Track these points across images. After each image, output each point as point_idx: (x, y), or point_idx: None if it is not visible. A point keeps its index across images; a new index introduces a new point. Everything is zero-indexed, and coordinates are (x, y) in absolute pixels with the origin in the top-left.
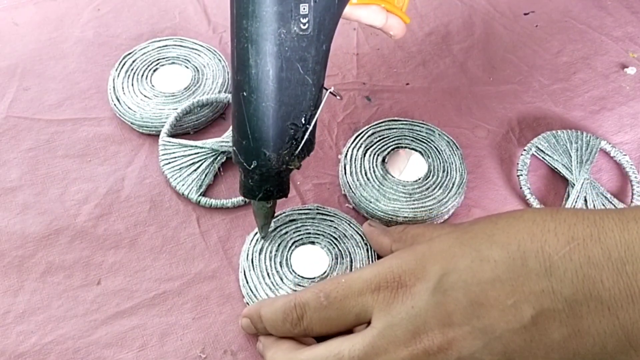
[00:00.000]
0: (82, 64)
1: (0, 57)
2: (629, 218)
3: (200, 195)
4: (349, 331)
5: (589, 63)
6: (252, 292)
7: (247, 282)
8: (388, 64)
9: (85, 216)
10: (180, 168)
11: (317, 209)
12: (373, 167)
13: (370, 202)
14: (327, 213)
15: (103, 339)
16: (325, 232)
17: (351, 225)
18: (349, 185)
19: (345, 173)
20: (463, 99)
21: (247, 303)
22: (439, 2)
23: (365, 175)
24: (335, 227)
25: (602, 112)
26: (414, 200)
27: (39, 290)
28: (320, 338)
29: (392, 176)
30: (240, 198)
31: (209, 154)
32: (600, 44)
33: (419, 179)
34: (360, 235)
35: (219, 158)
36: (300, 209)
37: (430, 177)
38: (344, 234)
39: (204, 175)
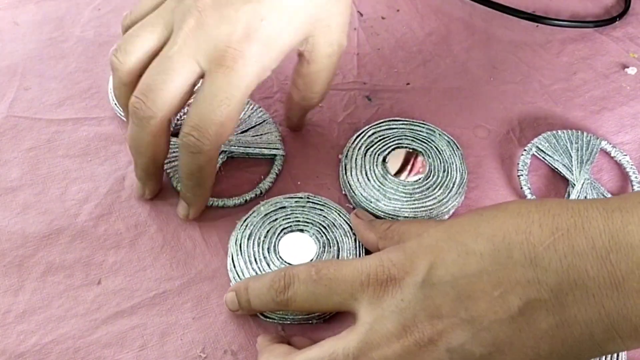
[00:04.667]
0: (83, 63)
1: (1, 57)
2: (613, 207)
3: None
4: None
5: (589, 63)
6: (239, 276)
7: (234, 267)
8: (389, 64)
9: (85, 216)
10: None
11: (308, 198)
12: (373, 167)
13: (371, 202)
14: (317, 202)
15: (103, 339)
16: (315, 220)
17: (340, 214)
18: (350, 185)
19: (345, 173)
20: (464, 99)
21: None
22: (440, 2)
23: (366, 175)
24: (324, 216)
25: (603, 112)
26: (414, 200)
27: (39, 290)
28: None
29: (393, 176)
30: (242, 198)
31: None
32: (600, 44)
33: (419, 179)
34: (349, 224)
35: (219, 158)
36: (291, 197)
37: (430, 177)
38: (332, 222)
39: None
